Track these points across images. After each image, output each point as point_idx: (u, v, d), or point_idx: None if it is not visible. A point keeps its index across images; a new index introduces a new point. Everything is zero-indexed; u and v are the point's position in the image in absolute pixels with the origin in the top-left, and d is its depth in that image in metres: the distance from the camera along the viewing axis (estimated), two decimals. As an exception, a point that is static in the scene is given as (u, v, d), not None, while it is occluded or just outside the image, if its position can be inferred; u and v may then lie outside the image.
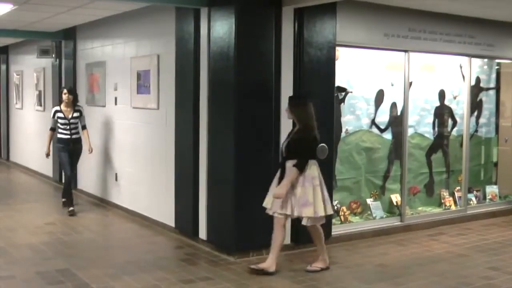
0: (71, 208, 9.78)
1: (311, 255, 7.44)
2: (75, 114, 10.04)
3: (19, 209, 10.40)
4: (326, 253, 6.96)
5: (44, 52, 12.76)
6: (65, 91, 10.08)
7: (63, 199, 10.20)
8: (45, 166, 13.70)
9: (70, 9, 9.44)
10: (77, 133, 10.10)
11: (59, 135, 10.05)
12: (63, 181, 10.53)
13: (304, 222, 6.74)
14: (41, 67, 13.94)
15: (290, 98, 7.00)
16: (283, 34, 7.40)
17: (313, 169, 6.64)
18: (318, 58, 7.62)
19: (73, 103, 10.07)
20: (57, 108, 10.12)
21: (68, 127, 9.97)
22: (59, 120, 9.99)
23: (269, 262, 6.72)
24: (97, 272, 6.74)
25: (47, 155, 10.32)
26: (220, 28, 7.26)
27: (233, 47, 7.06)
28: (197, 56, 7.76)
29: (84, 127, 10.19)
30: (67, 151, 10.02)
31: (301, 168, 6.57)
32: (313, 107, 6.76)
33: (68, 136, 9.98)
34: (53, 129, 10.14)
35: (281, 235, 6.74)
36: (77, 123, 10.06)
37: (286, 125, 7.45)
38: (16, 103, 16.28)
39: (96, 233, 8.51)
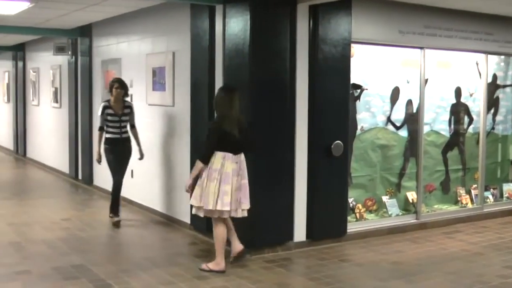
0: (116, 219, 8.81)
1: (326, 252, 7.45)
2: (126, 111, 8.94)
3: (35, 204, 10.46)
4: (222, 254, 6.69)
5: (60, 49, 12.83)
6: (116, 84, 8.86)
7: (111, 211, 8.97)
8: (62, 163, 13.79)
9: (86, 6, 9.48)
10: (127, 132, 8.99)
11: (107, 135, 8.89)
12: (112, 188, 9.06)
13: (201, 214, 6.69)
14: (57, 64, 14.01)
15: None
16: (298, 31, 7.39)
17: (217, 162, 6.48)
18: (333, 55, 7.61)
19: (123, 98, 8.98)
20: (106, 103, 8.91)
21: (118, 125, 8.85)
22: (109, 118, 8.81)
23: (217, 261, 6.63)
24: (112, 268, 6.77)
25: (99, 161, 9.11)
26: (235, 25, 7.26)
27: (248, 44, 7.06)
28: (212, 53, 7.77)
29: (133, 126, 9.06)
30: (117, 152, 8.90)
31: (203, 159, 6.52)
32: (237, 99, 6.62)
33: (118, 136, 8.87)
34: (102, 129, 8.89)
35: (218, 231, 6.66)
36: (127, 120, 8.93)
37: (301, 123, 7.46)
38: (33, 100, 16.38)
39: (111, 229, 8.54)
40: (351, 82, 7.99)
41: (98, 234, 8.41)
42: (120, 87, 8.80)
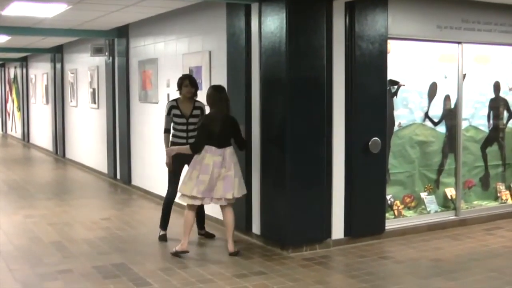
0: (162, 233, 8.02)
1: (365, 249, 7.42)
2: (195, 112, 7.89)
3: (75, 204, 10.59)
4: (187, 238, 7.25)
5: (97, 51, 12.96)
6: (186, 81, 7.85)
7: (161, 224, 8.09)
8: (100, 163, 13.94)
9: (122, 7, 9.57)
10: (193, 136, 7.65)
11: (172, 139, 7.91)
12: (165, 198, 8.11)
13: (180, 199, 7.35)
14: (94, 65, 14.17)
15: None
16: (334, 28, 7.37)
17: (200, 155, 7.10)
18: (370, 52, 7.57)
19: (193, 97, 7.98)
20: (174, 103, 7.91)
21: (185, 128, 7.82)
22: (175, 119, 7.83)
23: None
24: (152, 266, 6.83)
25: (170, 167, 7.85)
26: (271, 23, 7.27)
27: (285, 42, 7.06)
28: (249, 51, 7.79)
29: None
30: (183, 160, 7.65)
31: (193, 148, 7.17)
32: (224, 96, 7.19)
33: (184, 141, 7.75)
34: (168, 131, 7.92)
35: (187, 215, 7.30)
36: (195, 123, 7.73)
37: (339, 120, 7.44)
38: (71, 101, 16.59)
39: (150, 228, 8.60)
40: (388, 78, 7.94)
41: (137, 233, 8.48)
42: (190, 84, 7.85)
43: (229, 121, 7.23)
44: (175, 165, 7.84)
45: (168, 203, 8.04)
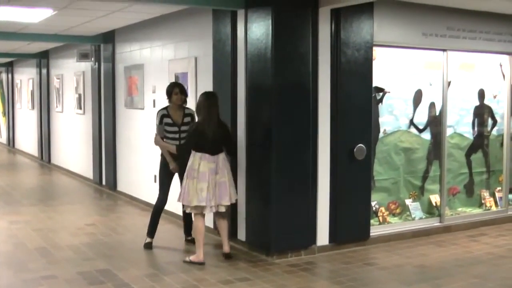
0: (148, 240, 7.92)
1: (350, 255, 7.44)
2: (186, 119, 7.85)
3: (60, 210, 10.55)
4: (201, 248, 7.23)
5: (83, 56, 12.93)
6: (176, 90, 7.77)
7: (149, 232, 7.99)
8: (86, 169, 13.90)
9: (108, 13, 9.56)
10: None
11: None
12: (155, 206, 8.06)
13: (187, 210, 7.31)
14: (80, 71, 14.13)
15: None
16: (320, 34, 7.39)
17: (195, 163, 7.07)
18: (355, 59, 7.60)
19: (183, 105, 7.92)
20: (164, 111, 7.84)
21: (177, 136, 7.75)
22: (167, 128, 7.76)
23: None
24: (137, 272, 6.82)
25: (175, 170, 7.87)
26: (257, 30, 7.28)
27: (270, 48, 7.08)
28: (235, 58, 7.80)
29: None
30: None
31: (179, 150, 7.36)
32: (216, 104, 7.17)
33: None
34: (162, 139, 7.77)
35: (196, 225, 7.28)
36: (187, 131, 7.57)
37: (324, 127, 7.46)
38: (57, 107, 16.53)
39: (135, 234, 8.59)
40: (374, 85, 7.97)
41: (122, 239, 8.46)
42: (180, 92, 7.78)
43: (221, 127, 7.22)
44: (165, 173, 7.89)
45: (157, 210, 7.98)
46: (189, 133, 7.27)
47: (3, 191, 12.64)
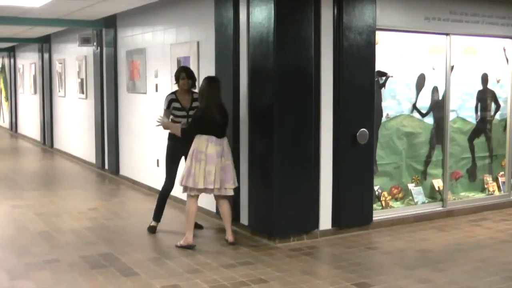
0: (153, 224, 7.94)
1: (352, 240, 7.44)
2: (195, 104, 7.71)
3: (62, 195, 10.57)
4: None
5: (85, 41, 12.91)
6: (183, 74, 7.76)
7: (155, 216, 7.98)
8: (88, 153, 13.91)
9: (110, -3, 9.53)
10: None
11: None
12: (161, 190, 8.03)
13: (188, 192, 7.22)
14: (82, 55, 14.11)
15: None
16: (322, 18, 7.36)
17: (202, 145, 7.04)
18: (357, 43, 7.57)
19: (191, 89, 7.90)
20: (173, 96, 7.80)
21: (186, 120, 7.63)
22: (175, 112, 7.72)
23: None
24: (139, 256, 6.83)
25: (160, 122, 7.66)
26: (259, 14, 7.25)
27: (272, 32, 7.05)
28: (237, 42, 7.77)
29: None
30: (181, 152, 7.74)
31: (184, 134, 7.24)
32: (219, 88, 7.17)
33: None
34: None
35: (190, 207, 7.26)
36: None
37: (326, 111, 7.45)
38: (59, 91, 16.52)
39: (138, 218, 8.60)
40: (376, 69, 7.95)
41: (125, 223, 8.47)
42: (187, 76, 7.76)
43: (223, 112, 7.21)
44: (172, 158, 7.82)
45: (164, 195, 7.96)
46: (193, 119, 7.23)
47: (5, 175, 12.66)
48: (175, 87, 8.10)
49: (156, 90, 10.21)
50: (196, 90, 7.85)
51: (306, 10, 7.21)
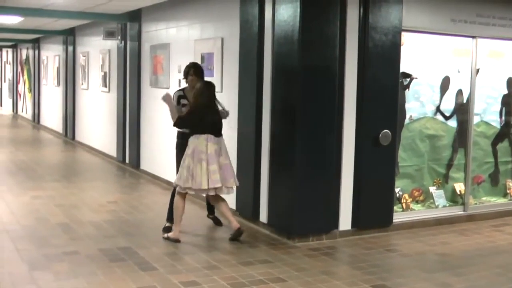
0: (167, 225, 7.66)
1: (372, 241, 7.40)
2: None
3: (83, 187, 10.62)
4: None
5: (109, 34, 12.96)
6: (191, 70, 7.63)
7: (168, 218, 7.71)
8: (109, 146, 13.97)
9: (136, -9, 9.55)
10: None
11: (179, 129, 7.70)
12: (173, 190, 7.67)
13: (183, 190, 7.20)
14: (106, 49, 14.16)
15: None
16: (348, 18, 7.32)
17: (201, 144, 7.02)
18: (383, 43, 7.52)
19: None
20: (181, 92, 7.74)
21: None
22: (183, 109, 7.57)
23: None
24: (157, 251, 6.84)
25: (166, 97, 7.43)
26: (285, 12, 7.23)
27: (298, 30, 7.02)
28: (261, 39, 7.76)
29: None
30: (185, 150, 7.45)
31: (178, 122, 7.22)
32: (212, 91, 7.19)
33: None
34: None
35: (178, 204, 7.27)
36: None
37: (350, 111, 7.41)
38: (82, 84, 16.61)
39: (157, 213, 8.61)
40: (401, 70, 7.89)
41: (144, 218, 8.49)
42: (194, 73, 7.59)
43: (218, 115, 7.30)
44: (179, 156, 7.61)
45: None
46: (190, 111, 7.16)
47: (27, 166, 12.74)
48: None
49: (179, 85, 10.20)
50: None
51: (332, 9, 7.18)
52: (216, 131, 7.14)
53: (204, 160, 6.98)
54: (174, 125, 7.31)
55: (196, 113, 7.10)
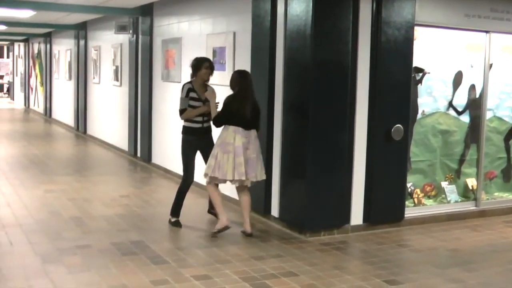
0: (174, 219, 7.73)
1: (383, 236, 7.39)
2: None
3: (95, 181, 10.65)
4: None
5: (121, 28, 12.98)
6: (206, 64, 7.56)
7: (172, 212, 7.80)
8: (121, 140, 14.00)
9: (148, -15, 9.55)
10: (209, 120, 7.54)
11: (187, 124, 7.62)
12: (179, 187, 7.83)
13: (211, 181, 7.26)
14: (118, 43, 14.18)
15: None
16: (361, 13, 7.30)
17: (229, 136, 7.02)
18: (395, 38, 7.50)
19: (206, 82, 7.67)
20: (190, 85, 7.56)
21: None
22: (192, 103, 7.49)
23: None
24: (169, 245, 6.87)
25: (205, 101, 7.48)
26: (297, 6, 7.21)
27: (310, 25, 7.01)
28: (273, 34, 7.75)
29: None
30: (196, 146, 7.67)
31: (216, 123, 7.20)
32: (251, 81, 7.16)
33: (200, 125, 7.56)
34: (184, 111, 7.57)
35: (214, 196, 7.30)
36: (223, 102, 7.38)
37: (362, 106, 7.40)
38: (94, 78, 16.65)
39: (168, 207, 8.55)
40: (414, 65, 7.87)
41: (156, 212, 8.51)
42: (210, 67, 7.57)
43: (255, 105, 7.18)
44: (188, 152, 7.67)
45: (182, 192, 7.76)
46: (225, 104, 7.14)
47: (39, 160, 12.79)
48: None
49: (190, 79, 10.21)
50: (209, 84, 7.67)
51: (344, 4, 7.16)
52: (246, 124, 7.05)
53: (231, 152, 6.99)
54: (214, 124, 7.29)
55: (228, 110, 7.08)
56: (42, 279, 5.65)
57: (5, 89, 37.02)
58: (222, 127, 7.15)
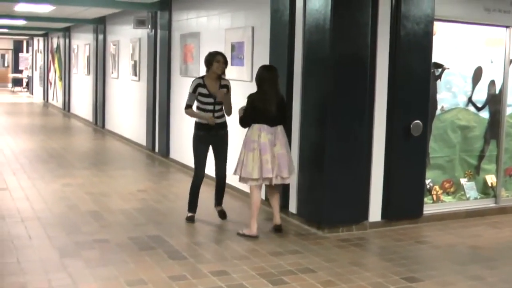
0: (190, 215, 7.69)
1: (402, 232, 7.35)
2: (222, 90, 7.52)
3: (113, 175, 10.68)
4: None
5: (140, 23, 12.99)
6: (218, 57, 7.41)
7: (189, 207, 7.76)
8: (139, 135, 14.03)
9: (167, -20, 9.54)
10: (223, 116, 7.58)
11: (198, 120, 7.66)
12: (191, 184, 7.78)
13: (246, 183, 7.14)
14: (136, 38, 14.20)
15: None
16: (380, 7, 7.25)
17: (254, 134, 6.94)
18: (415, 32, 7.43)
19: (221, 76, 7.55)
20: (200, 81, 7.48)
21: (212, 108, 7.45)
22: (201, 98, 7.46)
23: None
24: (187, 240, 6.87)
25: (212, 120, 7.46)
26: (316, 0, 7.17)
27: (329, 19, 6.97)
28: (292, 28, 7.71)
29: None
30: (208, 142, 7.61)
31: (242, 124, 7.11)
32: (277, 77, 7.04)
33: None
34: (190, 107, 7.62)
35: (253, 197, 7.12)
36: (222, 103, 7.54)
37: (381, 100, 7.34)
38: (112, 73, 16.69)
39: (186, 202, 8.56)
40: (433, 60, 7.80)
41: (173, 206, 8.52)
42: (223, 61, 7.43)
43: (280, 99, 7.12)
44: (199, 147, 7.62)
45: (195, 187, 7.70)
46: (248, 103, 7.07)
47: (57, 154, 12.85)
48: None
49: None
50: (226, 77, 7.63)
51: (364, -2, 7.11)
52: (271, 121, 6.96)
53: (256, 150, 6.90)
54: (240, 125, 7.21)
55: (253, 106, 7.00)
56: (60, 273, 5.67)
57: (24, 84, 37.23)
58: (249, 127, 7.07)
